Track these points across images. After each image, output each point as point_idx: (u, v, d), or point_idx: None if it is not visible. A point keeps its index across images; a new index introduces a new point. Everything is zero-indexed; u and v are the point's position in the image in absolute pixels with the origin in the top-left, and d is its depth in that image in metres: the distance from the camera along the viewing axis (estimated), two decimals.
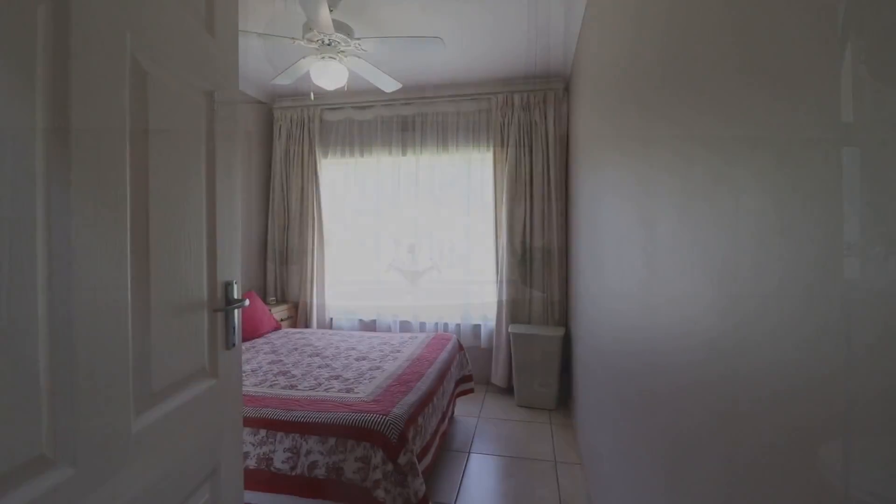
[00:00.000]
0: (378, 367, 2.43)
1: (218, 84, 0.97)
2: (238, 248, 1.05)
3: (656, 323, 1.00)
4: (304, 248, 4.12)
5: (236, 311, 1.02)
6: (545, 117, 3.65)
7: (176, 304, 0.84)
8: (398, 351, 2.78)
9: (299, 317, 4.11)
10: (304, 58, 2.58)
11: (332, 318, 4.22)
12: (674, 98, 0.90)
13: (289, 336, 3.23)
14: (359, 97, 4.07)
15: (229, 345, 1.00)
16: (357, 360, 2.60)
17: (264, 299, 4.18)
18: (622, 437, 1.38)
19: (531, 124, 3.68)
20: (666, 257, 0.94)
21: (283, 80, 2.86)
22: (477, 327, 3.90)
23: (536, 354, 3.32)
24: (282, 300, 4.22)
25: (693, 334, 0.78)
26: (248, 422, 1.82)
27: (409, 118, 3.99)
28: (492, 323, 3.82)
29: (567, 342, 3.41)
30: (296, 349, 2.85)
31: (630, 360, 1.31)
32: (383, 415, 1.77)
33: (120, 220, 0.70)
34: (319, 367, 2.48)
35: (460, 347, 3.18)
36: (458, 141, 3.89)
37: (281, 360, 2.60)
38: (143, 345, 0.76)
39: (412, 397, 1.99)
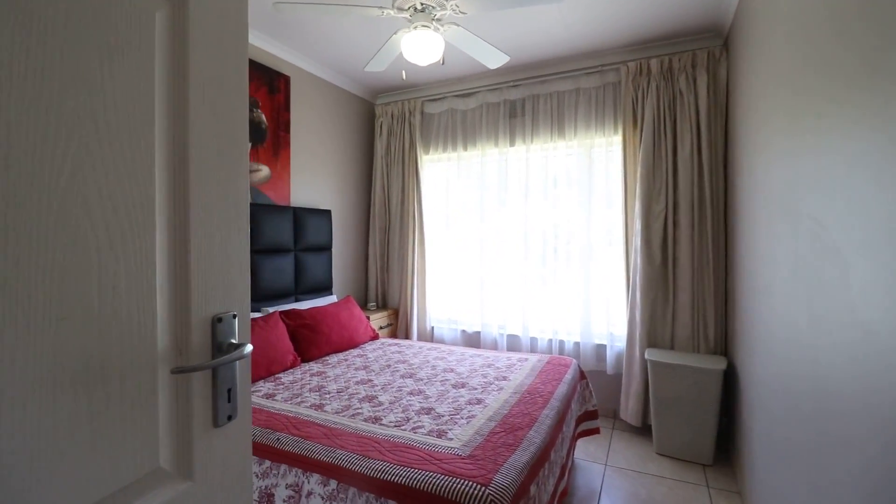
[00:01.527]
0: (479, 401, 1.96)
1: None
2: (246, 259, 0.66)
3: None
4: (405, 250, 3.84)
5: (237, 364, 0.63)
6: (693, 86, 2.85)
7: (67, 364, 0.46)
8: (504, 378, 2.28)
9: (399, 325, 3.85)
10: (395, 33, 2.23)
11: (433, 328, 3.88)
12: None
13: (384, 349, 2.93)
14: (461, 84, 3.67)
15: (220, 420, 0.61)
16: (455, 386, 2.17)
17: (364, 306, 4.01)
18: None
19: (674, 96, 2.91)
20: None
21: (376, 67, 2.56)
22: (601, 348, 3.22)
23: (685, 390, 2.56)
24: (382, 306, 4.00)
25: None
26: (319, 466, 1.48)
27: (518, 102, 3.47)
28: (621, 345, 3.11)
29: (730, 378, 2.58)
30: (388, 366, 2.52)
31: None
32: (482, 484, 1.29)
33: None
34: (411, 392, 2.09)
35: (582, 375, 2.57)
36: (577, 125, 3.26)
37: (370, 381, 2.28)
38: None
39: (522, 456, 1.48)
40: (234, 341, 0.62)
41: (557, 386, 2.16)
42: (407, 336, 3.81)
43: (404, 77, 2.43)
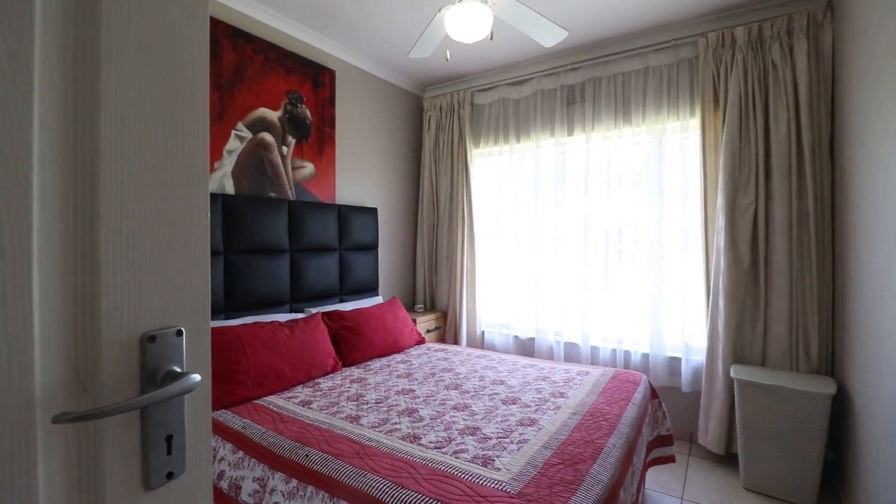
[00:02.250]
0: (532, 422, 1.71)
1: None
2: (204, 262, 0.48)
3: None
4: (453, 250, 3.65)
5: (184, 400, 0.45)
6: (790, 56, 2.41)
7: None
8: (562, 395, 2.00)
9: (448, 328, 3.65)
10: (438, 11, 2.04)
11: (483, 333, 3.65)
12: None
13: (430, 354, 2.74)
14: (513, 71, 3.42)
15: (154, 480, 0.43)
16: (505, 402, 1.92)
17: (411, 307, 3.85)
18: None
19: (765, 70, 2.48)
20: None
21: (421, 52, 2.38)
22: (674, 362, 2.83)
23: (782, 416, 2.14)
24: (430, 308, 3.83)
25: None
26: (347, 492, 1.31)
27: (577, 87, 3.15)
28: (699, 358, 2.71)
29: (840, 404, 2.13)
30: (432, 375, 2.32)
31: None
32: None
33: None
34: (455, 407, 1.88)
35: (653, 393, 2.23)
36: (646, 109, 2.90)
37: (412, 391, 2.09)
38: None
39: (586, 499, 1.21)
40: (177, 369, 0.44)
41: (626, 407, 1.85)
42: (456, 341, 3.60)
43: (448, 58, 2.22)
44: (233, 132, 2.45)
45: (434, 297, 3.86)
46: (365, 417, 1.78)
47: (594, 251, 3.11)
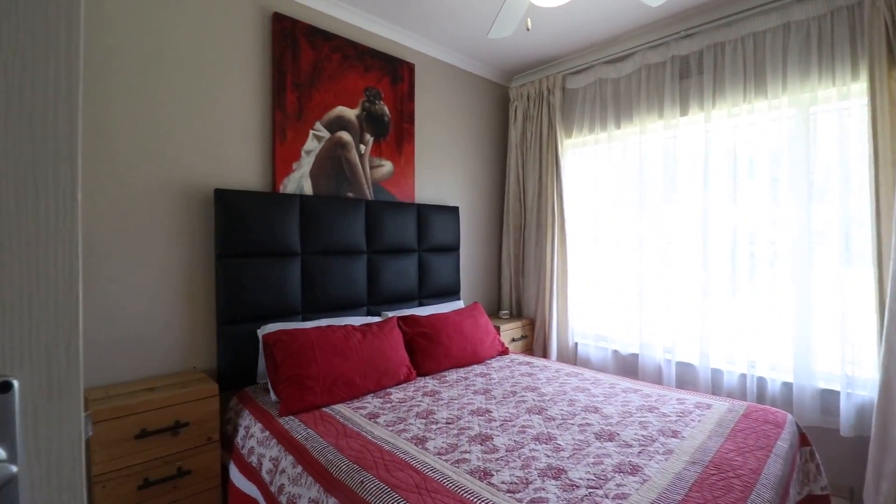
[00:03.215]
0: (634, 469, 1.36)
1: None
2: (73, 275, 0.29)
3: None
4: (542, 251, 3.32)
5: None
6: None
7: None
8: (674, 434, 1.60)
9: (536, 337, 3.33)
10: None
11: (576, 344, 3.27)
12: None
13: (513, 368, 2.46)
14: (611, 47, 3.00)
15: None
16: (599, 437, 1.58)
17: (496, 314, 3.59)
18: None
19: None
20: None
21: (501, 31, 2.13)
22: (830, 396, 2.21)
23: None
24: (517, 315, 3.54)
25: None
26: None
27: (693, 57, 2.65)
28: (866, 393, 2.08)
29: None
30: (513, 393, 2.05)
31: None
32: None
33: None
34: (537, 438, 1.59)
35: (803, 440, 1.71)
36: (787, 75, 2.31)
37: (488, 411, 1.84)
38: None
39: None
40: None
41: (766, 459, 1.40)
42: (544, 353, 3.27)
43: (528, 27, 1.94)
44: (311, 132, 2.42)
45: (521, 304, 3.56)
46: (432, 440, 1.58)
47: (716, 254, 2.57)
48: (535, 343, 3.36)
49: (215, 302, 2.13)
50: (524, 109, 3.46)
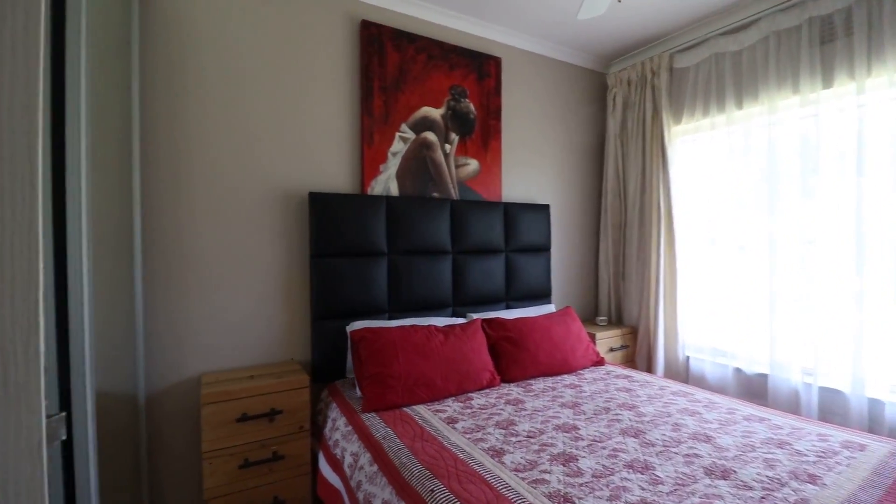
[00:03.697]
0: None
1: None
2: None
3: None
4: (647, 252, 2.99)
5: None
6: None
7: None
8: (811, 480, 1.28)
9: (638, 349, 3.01)
10: None
11: (687, 358, 2.88)
12: None
13: (608, 381, 2.23)
14: (729, 16, 2.60)
15: None
16: (709, 473, 1.33)
17: (591, 320, 3.32)
18: None
19: None
20: None
21: (591, 10, 1.94)
22: None
23: None
24: (617, 322, 3.24)
25: None
26: None
27: (837, 16, 2.16)
28: None
29: None
30: (606, 410, 1.84)
31: None
32: None
33: None
34: (630, 465, 1.39)
35: None
36: None
37: (575, 428, 1.67)
38: None
39: None
40: None
41: None
42: (649, 367, 2.94)
43: None
44: (396, 134, 2.46)
45: (621, 310, 3.25)
46: (510, 454, 1.47)
47: (875, 256, 2.06)
48: (637, 354, 3.03)
49: (310, 299, 2.26)
50: (624, 96, 3.15)
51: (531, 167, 3.05)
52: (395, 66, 2.43)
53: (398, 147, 2.47)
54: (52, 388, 0.95)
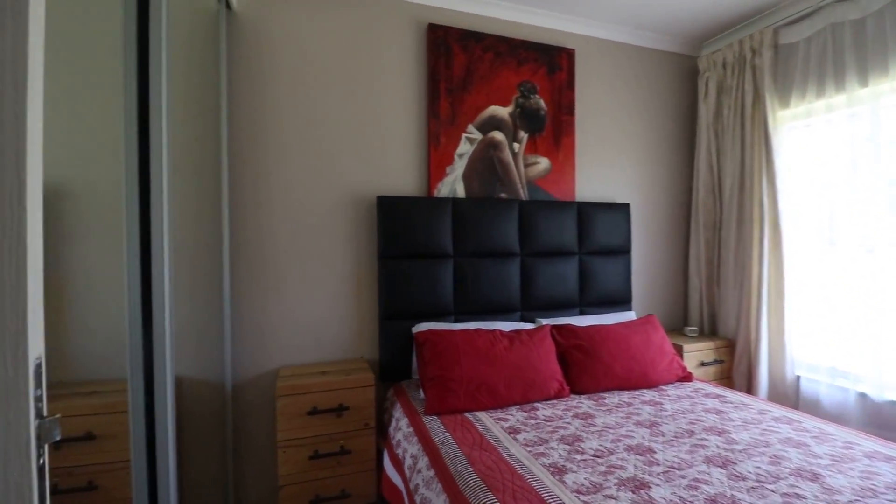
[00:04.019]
0: None
1: None
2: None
3: None
4: (746, 256, 2.65)
5: None
6: None
7: None
8: None
9: (736, 364, 2.68)
10: None
11: (798, 378, 2.50)
12: None
13: (694, 400, 2.00)
14: None
15: None
16: None
17: (679, 330, 3.02)
18: None
19: None
20: None
21: None
22: None
23: None
24: (710, 334, 2.91)
25: None
26: None
27: None
28: None
29: None
30: (690, 433, 1.64)
31: None
32: None
33: None
34: (713, 499, 1.22)
35: None
36: None
37: (651, 450, 1.51)
38: None
39: None
40: None
41: None
42: (749, 387, 2.60)
43: None
44: (463, 136, 2.44)
45: (715, 320, 2.91)
46: (573, 473, 1.37)
47: None
48: (734, 370, 2.69)
49: (377, 299, 2.32)
50: (718, 81, 2.82)
51: (608, 164, 2.85)
52: (461, 66, 2.41)
53: (465, 148, 2.44)
54: (137, 371, 1.07)
